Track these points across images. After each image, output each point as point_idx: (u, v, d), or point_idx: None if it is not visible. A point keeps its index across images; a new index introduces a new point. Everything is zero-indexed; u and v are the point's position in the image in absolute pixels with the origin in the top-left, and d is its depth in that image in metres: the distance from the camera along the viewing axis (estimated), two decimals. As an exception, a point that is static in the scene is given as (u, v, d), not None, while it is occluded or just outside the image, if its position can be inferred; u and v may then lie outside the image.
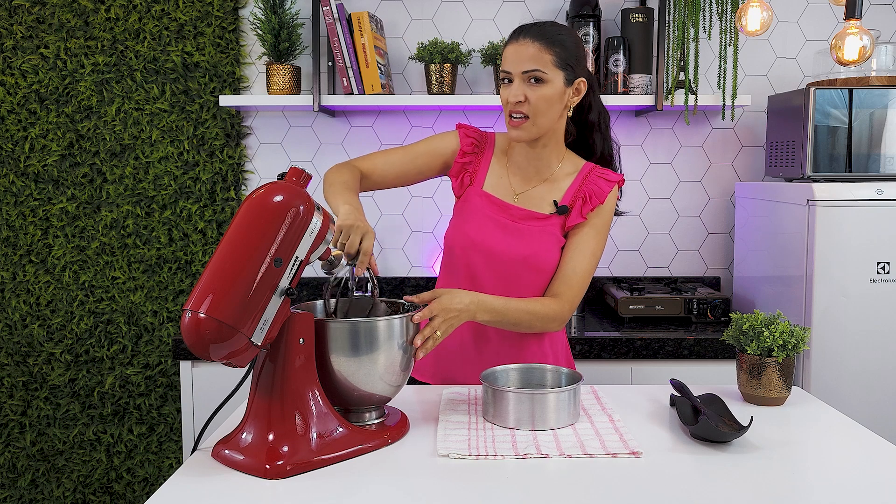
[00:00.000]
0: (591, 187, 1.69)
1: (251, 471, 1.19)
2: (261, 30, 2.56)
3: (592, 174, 1.71)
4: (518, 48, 1.61)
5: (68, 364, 2.80)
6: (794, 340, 1.50)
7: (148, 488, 2.83)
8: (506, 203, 1.71)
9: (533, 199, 1.72)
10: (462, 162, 1.76)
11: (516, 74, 1.61)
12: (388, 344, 1.31)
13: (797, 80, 2.77)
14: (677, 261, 2.83)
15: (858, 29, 1.83)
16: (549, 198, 1.71)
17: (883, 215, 2.14)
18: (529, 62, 1.60)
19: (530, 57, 1.60)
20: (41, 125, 2.74)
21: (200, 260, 2.77)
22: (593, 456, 1.26)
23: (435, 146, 1.77)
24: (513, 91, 1.62)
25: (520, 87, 1.61)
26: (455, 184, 1.77)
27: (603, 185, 1.70)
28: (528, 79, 1.61)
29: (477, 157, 1.76)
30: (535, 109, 1.61)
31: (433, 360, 1.77)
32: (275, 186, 1.23)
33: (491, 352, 1.71)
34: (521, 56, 1.61)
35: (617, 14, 2.74)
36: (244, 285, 1.15)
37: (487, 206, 1.71)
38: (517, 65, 1.61)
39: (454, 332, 1.73)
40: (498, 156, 1.77)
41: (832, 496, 1.13)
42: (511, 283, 1.67)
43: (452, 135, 1.78)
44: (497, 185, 1.74)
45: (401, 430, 1.35)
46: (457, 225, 1.73)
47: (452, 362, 1.74)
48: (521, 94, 1.61)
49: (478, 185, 1.74)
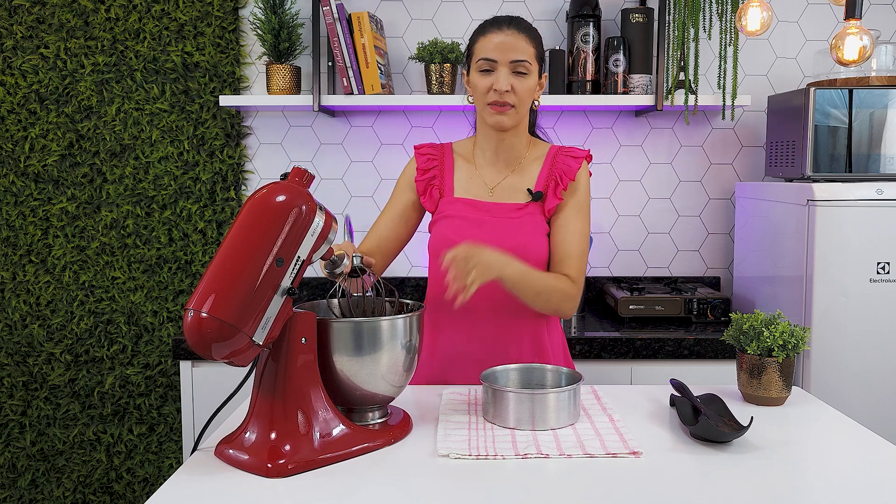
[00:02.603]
0: (560, 168, 1.73)
1: (253, 469, 1.19)
2: (261, 30, 2.56)
3: (559, 155, 1.75)
4: (505, 38, 1.64)
5: (68, 364, 2.80)
6: (794, 340, 1.50)
7: (148, 488, 2.83)
8: (482, 202, 1.73)
9: (507, 190, 1.74)
10: (424, 179, 1.78)
11: (503, 63, 1.64)
12: (391, 344, 1.31)
13: (797, 80, 2.77)
14: (677, 261, 2.83)
15: (858, 29, 1.83)
16: (522, 186, 1.74)
17: (883, 215, 2.14)
18: (518, 53, 1.64)
19: (517, 47, 1.64)
20: (41, 125, 2.74)
21: (200, 260, 2.77)
22: (593, 456, 1.26)
23: (403, 188, 1.80)
24: (501, 80, 1.63)
25: (507, 76, 1.63)
26: (425, 200, 1.77)
27: (571, 163, 1.73)
28: (514, 69, 1.64)
29: (438, 168, 1.78)
30: (520, 100, 1.66)
31: (433, 361, 1.77)
32: (277, 186, 1.23)
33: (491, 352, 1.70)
34: (508, 46, 1.63)
35: (617, 14, 2.74)
36: (246, 285, 1.15)
37: (464, 209, 1.72)
38: (505, 54, 1.63)
39: (454, 333, 1.73)
40: (460, 162, 1.79)
41: (832, 496, 1.13)
42: None
43: (411, 162, 1.82)
44: (469, 187, 1.76)
45: (403, 430, 1.36)
46: (439, 233, 1.73)
47: (452, 363, 1.74)
48: (507, 84, 1.64)
49: (448, 194, 1.76)
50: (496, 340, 1.71)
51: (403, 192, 1.81)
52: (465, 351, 1.72)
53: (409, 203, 1.80)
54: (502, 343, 1.71)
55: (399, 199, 1.81)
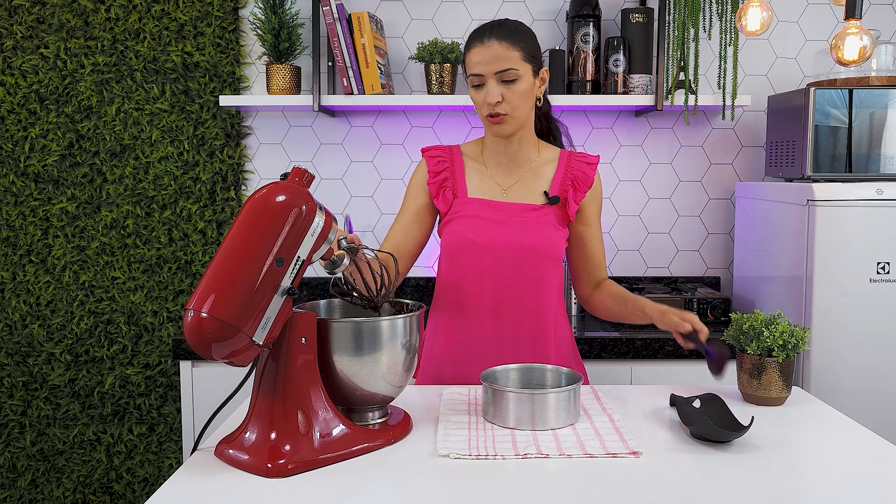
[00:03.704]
0: (575, 173, 1.75)
1: (253, 469, 1.19)
2: (261, 30, 2.56)
3: (573, 159, 1.77)
4: (485, 50, 1.63)
5: (68, 364, 2.80)
6: (794, 340, 1.50)
7: (148, 488, 2.84)
8: (497, 202, 1.73)
9: (520, 191, 1.75)
10: (436, 181, 1.77)
11: (489, 76, 1.63)
12: (391, 344, 1.31)
13: (797, 80, 2.77)
14: (677, 261, 2.83)
15: (858, 29, 1.83)
16: (537, 188, 1.75)
17: (883, 215, 2.14)
18: (500, 62, 1.63)
19: (500, 56, 1.62)
20: (41, 125, 2.74)
21: (200, 260, 2.77)
22: (593, 456, 1.26)
23: (415, 192, 1.80)
24: (490, 93, 1.64)
25: (495, 87, 1.64)
26: (439, 202, 1.77)
27: (586, 169, 1.76)
28: (501, 78, 1.63)
29: (450, 170, 1.78)
30: (513, 106, 1.65)
31: (433, 361, 1.77)
32: (277, 186, 1.23)
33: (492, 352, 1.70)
34: (489, 57, 1.63)
35: (617, 14, 2.74)
36: (246, 285, 1.15)
37: (480, 208, 1.72)
38: (489, 66, 1.63)
39: (455, 333, 1.73)
40: (470, 163, 1.79)
41: (832, 496, 1.13)
42: (525, 274, 1.69)
43: (420, 165, 1.81)
44: (481, 188, 1.76)
45: (404, 430, 1.35)
46: (455, 232, 1.73)
47: (453, 363, 1.74)
48: (497, 95, 1.64)
49: (462, 194, 1.76)
50: (497, 341, 1.71)
51: (416, 196, 1.79)
52: (478, 351, 1.72)
53: (422, 206, 1.79)
54: (503, 343, 1.71)
55: (412, 202, 1.80)
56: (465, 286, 1.72)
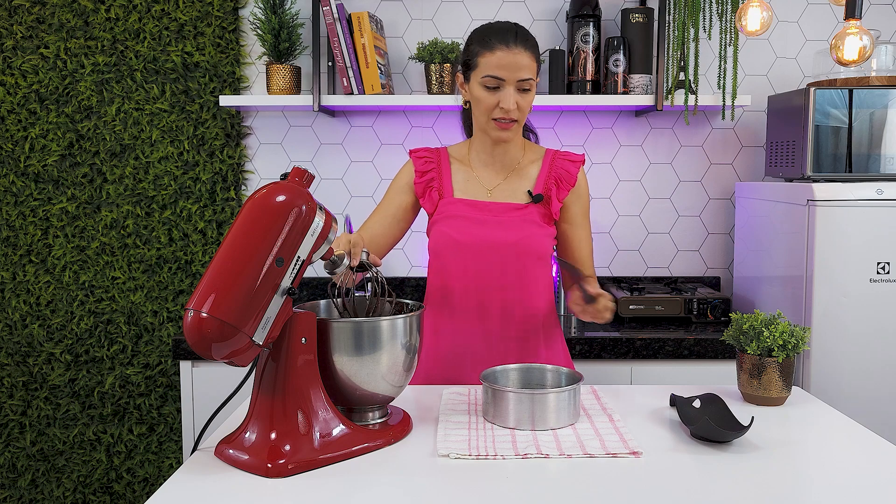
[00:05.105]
0: (559, 171, 1.77)
1: (253, 469, 1.19)
2: (261, 30, 2.56)
3: (557, 158, 1.79)
4: (511, 56, 1.63)
5: (68, 364, 2.80)
6: (794, 340, 1.50)
7: (148, 488, 2.84)
8: (481, 202, 1.75)
9: (506, 191, 1.76)
10: (423, 182, 1.78)
11: (511, 82, 1.64)
12: (391, 344, 1.31)
13: (797, 80, 2.77)
14: (677, 261, 2.83)
15: (858, 29, 1.83)
16: (521, 188, 1.76)
17: (883, 215, 2.14)
18: (524, 70, 1.64)
19: (525, 65, 1.64)
20: (41, 125, 2.74)
21: (200, 260, 2.77)
22: (593, 456, 1.26)
23: (398, 191, 1.80)
24: (508, 99, 1.64)
25: (514, 94, 1.65)
26: (424, 202, 1.79)
27: (570, 168, 1.77)
28: (520, 87, 1.65)
29: (436, 171, 1.79)
30: (524, 114, 1.69)
31: (433, 361, 1.77)
32: (277, 186, 1.23)
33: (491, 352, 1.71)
34: (516, 65, 1.63)
35: (617, 14, 2.74)
36: (246, 285, 1.15)
37: (465, 209, 1.74)
38: (513, 73, 1.63)
39: (454, 333, 1.74)
40: (456, 165, 1.81)
41: (832, 496, 1.13)
42: (508, 272, 1.70)
43: (407, 165, 1.82)
44: (467, 188, 1.77)
45: (403, 430, 1.36)
46: (442, 233, 1.74)
47: (452, 363, 1.74)
48: (514, 102, 1.65)
49: (448, 195, 1.77)
50: (484, 339, 1.72)
51: (399, 194, 1.81)
52: (465, 351, 1.73)
53: (405, 205, 1.80)
54: (490, 342, 1.72)
55: (394, 200, 1.81)
56: (451, 286, 1.73)
